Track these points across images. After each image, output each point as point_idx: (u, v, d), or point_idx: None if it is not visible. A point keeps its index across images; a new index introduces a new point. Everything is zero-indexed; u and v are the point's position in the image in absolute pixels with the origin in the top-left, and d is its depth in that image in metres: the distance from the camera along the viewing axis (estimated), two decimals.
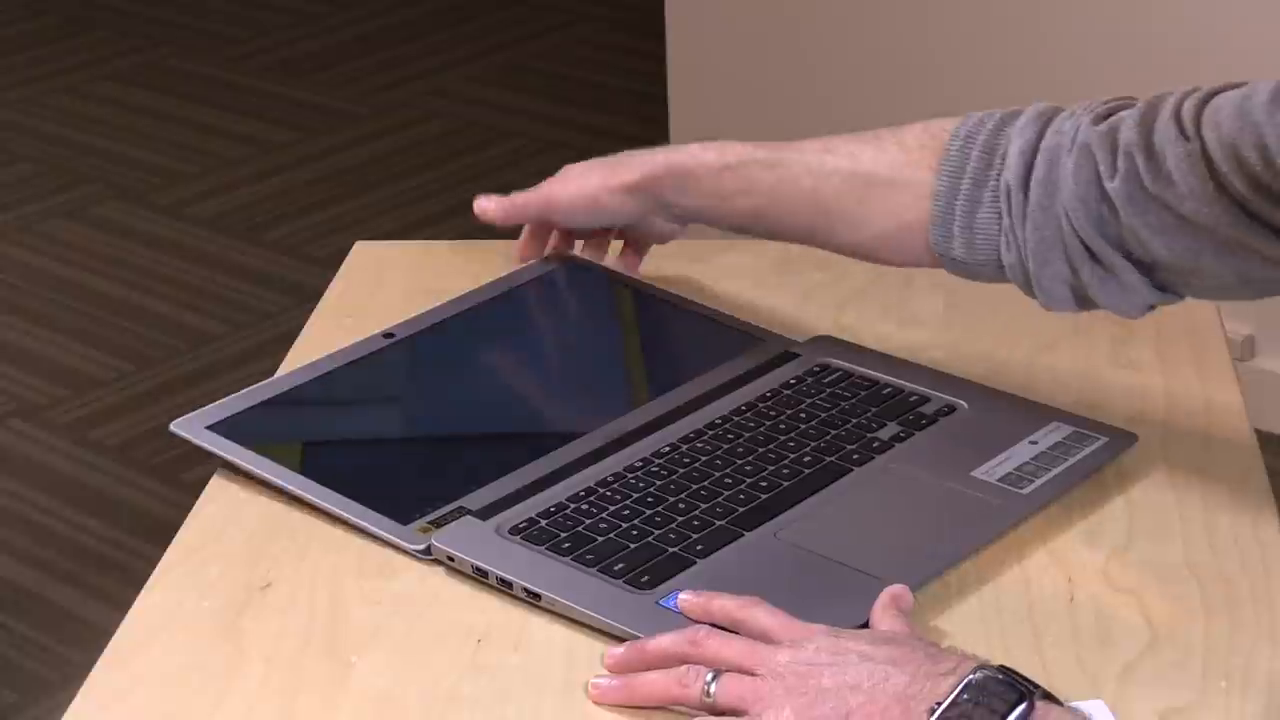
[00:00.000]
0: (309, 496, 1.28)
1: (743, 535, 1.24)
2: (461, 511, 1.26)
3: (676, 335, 1.51)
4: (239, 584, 1.23)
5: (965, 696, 1.02)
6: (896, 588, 1.15)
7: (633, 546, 1.22)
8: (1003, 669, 1.04)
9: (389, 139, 4.15)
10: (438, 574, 1.23)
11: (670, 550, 1.22)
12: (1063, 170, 1.25)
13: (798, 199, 1.36)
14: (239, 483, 1.34)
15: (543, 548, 1.22)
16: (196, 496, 1.33)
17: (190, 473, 2.92)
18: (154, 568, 1.25)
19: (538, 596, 1.19)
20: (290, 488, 1.29)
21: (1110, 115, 1.26)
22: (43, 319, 3.45)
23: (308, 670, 1.15)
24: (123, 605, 1.22)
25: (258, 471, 1.31)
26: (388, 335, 1.44)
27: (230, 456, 1.32)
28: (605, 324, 1.52)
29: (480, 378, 1.44)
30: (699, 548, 1.22)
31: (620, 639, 1.15)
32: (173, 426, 1.34)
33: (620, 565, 1.20)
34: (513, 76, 4.38)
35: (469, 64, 4.51)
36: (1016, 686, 1.03)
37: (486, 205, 1.53)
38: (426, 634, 1.18)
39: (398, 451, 1.40)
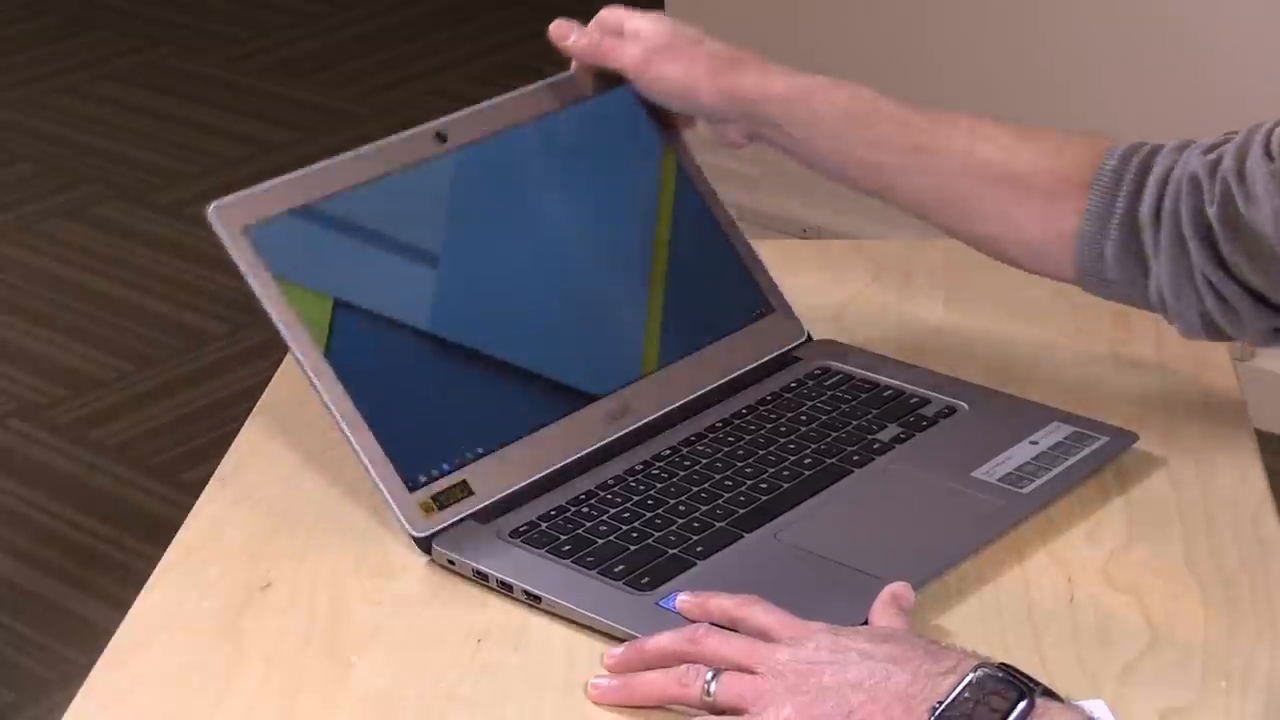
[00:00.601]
0: (329, 402, 1.23)
1: (743, 537, 1.24)
2: (465, 490, 1.26)
3: (700, 256, 1.44)
4: (239, 584, 1.23)
5: (966, 695, 1.02)
6: (897, 585, 1.15)
7: (633, 548, 1.22)
8: (1003, 667, 1.04)
9: None
10: (438, 574, 1.23)
11: (670, 552, 1.22)
12: (1181, 200, 1.25)
13: (932, 175, 1.32)
14: (239, 482, 1.34)
15: (543, 550, 1.22)
16: (196, 496, 1.33)
17: (190, 473, 2.92)
18: (154, 568, 1.25)
19: (538, 599, 1.19)
20: (314, 379, 1.24)
21: (1222, 144, 1.26)
22: (43, 319, 3.45)
23: (308, 670, 1.15)
24: (123, 605, 1.22)
25: (287, 335, 1.24)
26: (440, 138, 1.35)
27: (259, 287, 1.25)
28: (644, 204, 1.42)
29: (513, 253, 1.34)
30: (699, 549, 1.22)
31: (621, 640, 1.15)
32: (212, 211, 1.27)
33: (620, 567, 1.20)
34: (513, 76, 4.36)
35: (469, 64, 4.52)
36: (1017, 684, 1.03)
37: (567, 33, 1.42)
38: (426, 634, 1.18)
39: (420, 361, 1.29)
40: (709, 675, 1.09)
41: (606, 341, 1.37)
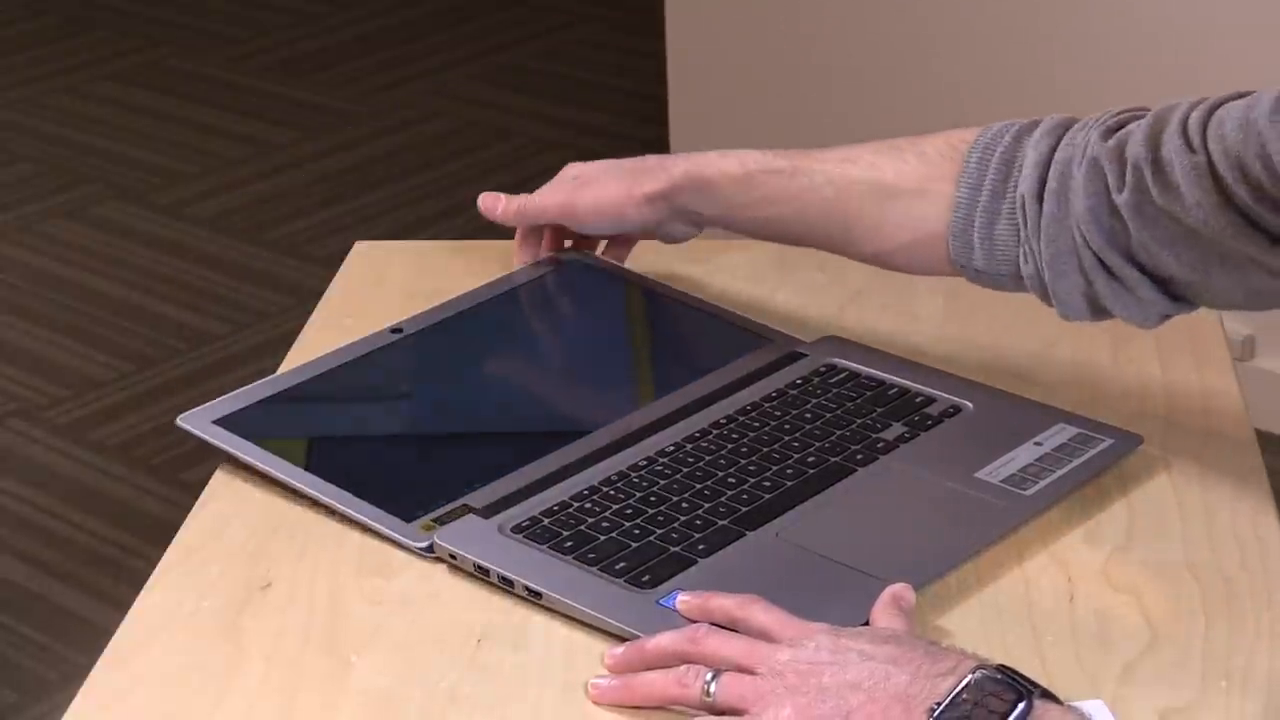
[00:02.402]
0: (312, 492, 1.28)
1: (744, 535, 1.24)
2: (465, 510, 1.26)
3: (685, 334, 1.51)
4: (239, 584, 1.23)
5: (965, 696, 1.02)
6: (898, 586, 1.15)
7: (634, 545, 1.22)
8: (1002, 668, 1.04)
9: (389, 139, 4.15)
10: (438, 573, 1.23)
11: (671, 550, 1.22)
12: (1074, 183, 1.26)
13: (819, 208, 1.38)
14: (239, 482, 1.34)
15: (545, 546, 1.22)
16: (196, 496, 1.33)
17: (190, 473, 2.92)
18: (154, 568, 1.25)
19: (539, 595, 1.19)
20: (293, 483, 1.29)
21: (1120, 128, 1.27)
22: (43, 319, 3.45)
23: (308, 669, 1.15)
24: (123, 605, 1.22)
25: (261, 466, 1.31)
26: (395, 330, 1.45)
27: (234, 451, 1.32)
28: (613, 322, 1.52)
29: (487, 375, 1.45)
30: (700, 547, 1.22)
31: (620, 638, 1.15)
32: (179, 420, 1.35)
33: (621, 564, 1.20)
34: (513, 76, 4.38)
35: (469, 64, 4.51)
36: (1016, 685, 1.03)
37: (494, 205, 1.53)
38: (426, 633, 1.18)
39: (403, 448, 1.40)
40: (709, 676, 1.09)
41: (598, 402, 1.42)
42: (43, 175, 4.03)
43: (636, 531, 1.23)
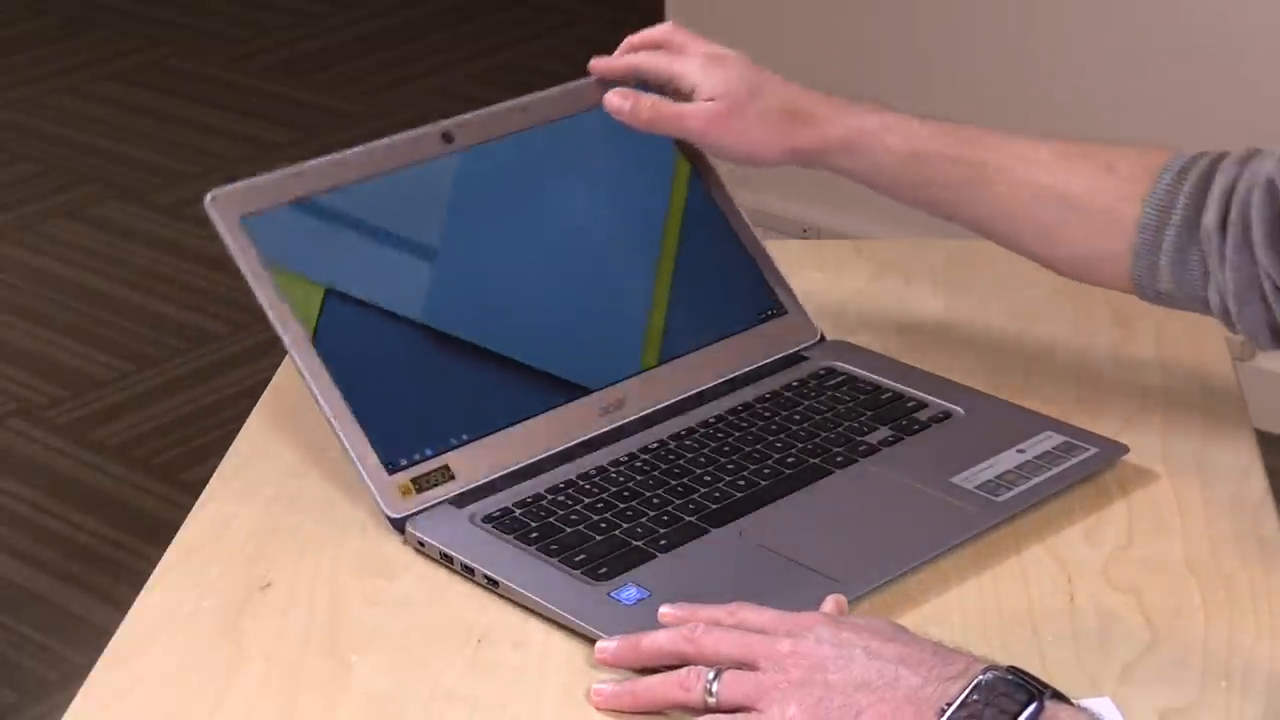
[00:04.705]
0: (313, 385, 1.25)
1: (708, 532, 1.24)
2: (446, 474, 1.27)
3: (710, 259, 1.44)
4: (239, 584, 1.23)
5: (975, 697, 1.02)
6: (836, 598, 1.15)
7: (598, 539, 1.23)
8: (1012, 669, 1.03)
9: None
10: (438, 574, 1.23)
11: (633, 544, 1.22)
12: (1253, 210, 1.24)
13: (990, 205, 1.33)
14: (239, 482, 1.34)
15: (511, 537, 1.23)
16: (196, 496, 1.33)
17: (190, 473, 2.92)
18: (154, 568, 1.25)
19: (496, 584, 1.19)
20: (300, 363, 1.25)
21: None
22: (43, 319, 3.45)
23: (308, 670, 1.15)
24: (123, 605, 1.22)
25: (275, 321, 1.25)
26: (446, 138, 1.36)
27: (250, 273, 1.26)
28: (653, 208, 1.43)
29: (514, 253, 1.35)
30: (662, 543, 1.22)
31: (576, 633, 1.15)
32: (209, 199, 1.27)
33: (581, 557, 1.21)
34: (514, 76, 4.38)
35: (469, 64, 4.52)
36: (1027, 687, 1.02)
37: (623, 104, 1.41)
38: (426, 634, 1.18)
39: (410, 348, 1.30)
40: (710, 675, 1.08)
41: (605, 338, 1.38)
42: (43, 175, 4.03)
43: (603, 525, 1.24)
